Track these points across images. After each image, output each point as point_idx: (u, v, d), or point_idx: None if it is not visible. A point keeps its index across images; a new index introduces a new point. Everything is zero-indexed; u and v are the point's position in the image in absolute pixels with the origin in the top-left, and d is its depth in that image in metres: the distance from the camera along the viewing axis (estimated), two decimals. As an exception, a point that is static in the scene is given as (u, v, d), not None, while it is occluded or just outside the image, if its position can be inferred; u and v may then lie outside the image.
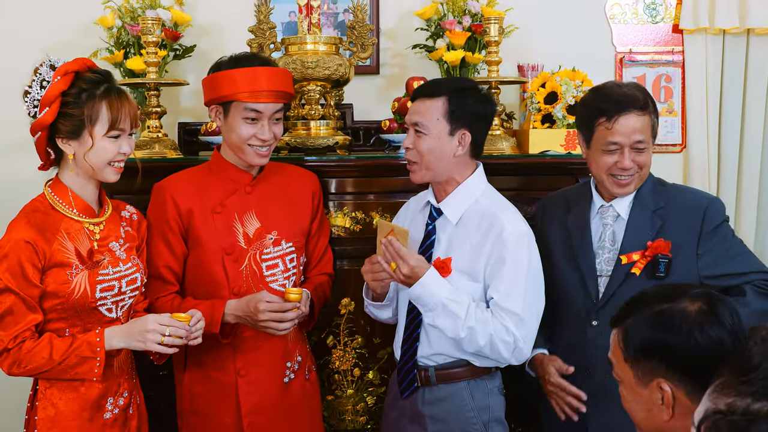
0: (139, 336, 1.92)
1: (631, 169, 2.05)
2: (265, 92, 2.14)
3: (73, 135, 1.95)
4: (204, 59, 3.18)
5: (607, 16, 3.32)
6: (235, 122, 2.17)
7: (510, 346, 1.99)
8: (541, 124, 2.77)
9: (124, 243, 2.07)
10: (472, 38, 2.98)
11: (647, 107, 2.04)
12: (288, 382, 2.26)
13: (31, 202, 2.01)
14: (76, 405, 1.96)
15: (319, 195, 2.39)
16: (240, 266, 2.20)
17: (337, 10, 3.21)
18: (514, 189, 2.30)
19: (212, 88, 2.19)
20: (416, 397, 2.12)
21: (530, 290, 2.02)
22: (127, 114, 1.97)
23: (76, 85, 1.95)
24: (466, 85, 2.14)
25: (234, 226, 2.21)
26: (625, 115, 2.01)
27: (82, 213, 2.00)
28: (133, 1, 3.00)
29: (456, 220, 2.09)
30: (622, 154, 2.03)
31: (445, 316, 2.00)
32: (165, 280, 2.21)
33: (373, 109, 3.17)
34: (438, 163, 2.07)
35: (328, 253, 2.42)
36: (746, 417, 0.99)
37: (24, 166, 3.15)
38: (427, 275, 2.00)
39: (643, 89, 2.10)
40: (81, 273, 1.94)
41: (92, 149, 1.94)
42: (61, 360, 1.89)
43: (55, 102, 1.93)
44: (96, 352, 1.91)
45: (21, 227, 1.92)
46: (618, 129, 2.02)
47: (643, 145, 2.03)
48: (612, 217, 2.13)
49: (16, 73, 3.15)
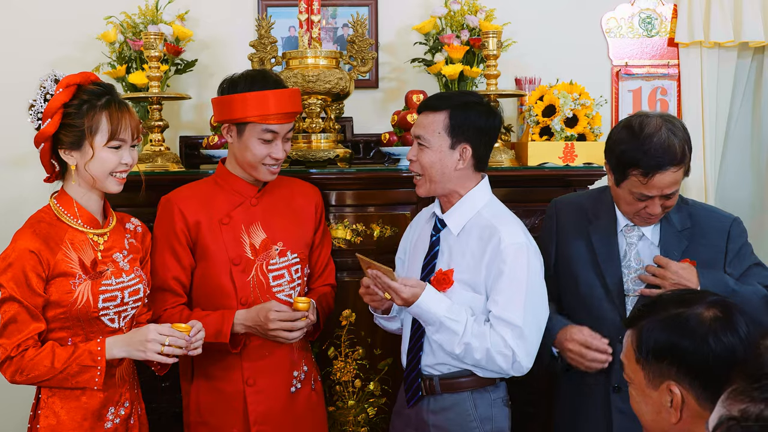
0: (139, 345, 1.94)
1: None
2: (278, 114, 2.17)
3: (75, 146, 1.97)
4: (205, 73, 3.21)
5: (604, 30, 3.36)
6: (250, 142, 2.19)
7: (509, 359, 2.00)
8: (539, 136, 2.79)
9: (128, 254, 2.08)
10: (471, 52, 3.02)
11: (684, 159, 1.97)
12: (295, 391, 2.28)
13: (36, 213, 2.03)
14: (77, 414, 1.97)
15: (321, 207, 2.42)
16: (247, 277, 2.22)
17: (337, 24, 3.25)
18: (512, 201, 2.32)
19: (225, 110, 2.21)
20: (421, 405, 2.13)
21: (530, 302, 2.02)
22: (128, 125, 2.00)
23: (77, 96, 1.98)
24: (470, 99, 2.15)
25: (241, 237, 2.23)
26: (662, 173, 1.94)
27: (86, 224, 2.02)
28: (135, 16, 3.03)
29: (457, 232, 2.11)
30: (652, 202, 2.00)
31: (443, 332, 2.02)
32: (173, 291, 2.22)
33: (373, 122, 3.19)
34: (440, 176, 2.09)
35: (331, 264, 2.44)
36: (759, 423, 1.00)
37: (23, 179, 3.19)
38: (423, 296, 2.01)
39: (682, 135, 1.98)
40: (84, 283, 1.96)
41: (93, 159, 1.96)
42: (62, 368, 1.90)
43: (57, 113, 1.96)
44: (97, 361, 1.92)
45: (26, 237, 1.94)
46: (653, 184, 1.96)
47: (673, 192, 2.00)
48: (636, 237, 2.12)
49: (19, 86, 3.15)
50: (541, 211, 2.65)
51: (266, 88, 2.18)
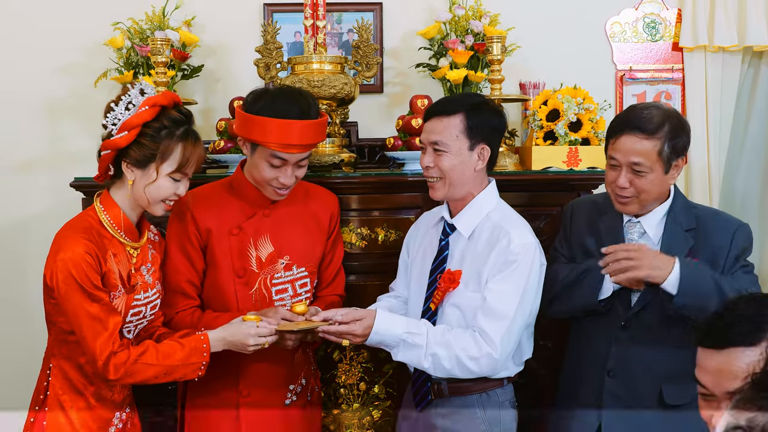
0: (241, 347, 2.03)
1: (627, 189, 2.08)
2: (296, 146, 2.12)
3: (140, 164, 1.97)
4: (211, 79, 3.24)
5: (608, 35, 3.37)
6: (259, 162, 2.15)
7: (481, 362, 2.00)
8: (543, 141, 2.80)
9: (151, 267, 2.10)
10: (475, 57, 3.03)
11: (657, 133, 2.03)
12: (290, 404, 2.28)
13: (83, 218, 2.00)
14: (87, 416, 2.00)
15: (337, 217, 2.39)
16: (250, 290, 2.22)
17: (342, 30, 3.27)
18: (516, 205, 2.32)
19: (244, 127, 2.15)
20: (429, 409, 2.14)
21: (524, 300, 2.04)
22: (195, 161, 2.00)
23: (159, 119, 1.96)
24: (480, 100, 2.17)
25: (248, 250, 2.22)
26: (628, 135, 2.04)
27: (127, 236, 2.02)
28: (143, 22, 3.06)
29: (468, 234, 2.12)
30: (620, 171, 2.07)
31: (407, 349, 2.02)
32: (186, 294, 2.22)
33: (377, 127, 3.21)
34: (460, 179, 2.09)
35: (341, 274, 2.43)
36: None
37: (28, 184, 3.21)
38: (377, 322, 2.02)
39: (666, 113, 2.06)
40: (121, 297, 1.98)
41: (153, 184, 1.97)
42: (173, 367, 1.97)
43: (136, 129, 1.95)
44: (203, 357, 2.00)
45: (80, 243, 1.91)
46: (618, 146, 2.07)
47: (640, 168, 2.04)
48: (638, 233, 2.15)
49: (28, 91, 3.20)
50: (545, 215, 2.67)
51: (288, 114, 2.10)
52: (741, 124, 3.44)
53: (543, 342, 2.31)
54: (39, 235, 3.19)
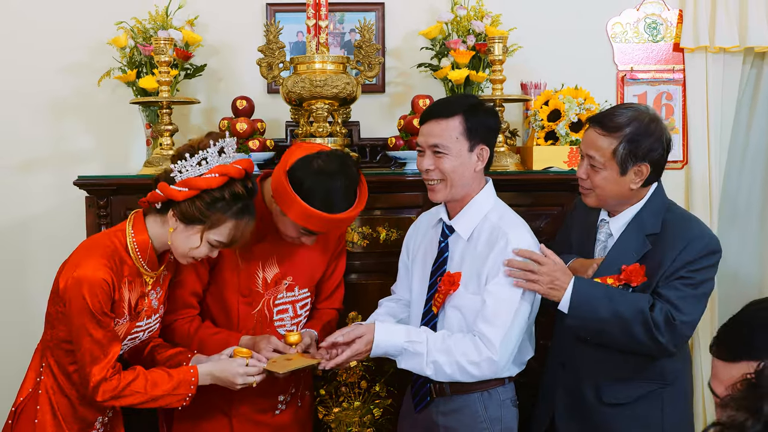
0: (228, 384, 2.04)
1: (585, 181, 2.11)
2: (323, 229, 2.11)
3: (186, 222, 1.95)
4: (214, 78, 3.25)
5: (609, 35, 3.38)
6: (286, 221, 2.10)
7: (482, 366, 2.01)
8: (545, 141, 2.81)
9: (160, 291, 2.10)
10: (477, 57, 3.04)
11: (615, 131, 2.03)
12: (279, 413, 2.30)
13: (111, 239, 1.99)
14: None
15: (344, 235, 2.42)
16: (253, 310, 2.23)
17: (344, 30, 3.28)
18: (517, 205, 2.34)
19: (279, 195, 2.07)
20: (431, 408, 2.15)
21: (523, 302, 2.04)
22: (240, 239, 1.99)
23: (222, 189, 1.93)
24: (476, 101, 2.18)
25: (256, 272, 2.22)
26: (590, 129, 2.10)
27: (148, 265, 2.02)
28: (146, 21, 3.07)
29: (467, 236, 2.13)
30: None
31: (409, 357, 2.04)
32: (188, 304, 2.23)
33: (379, 126, 3.22)
34: (461, 180, 2.10)
35: (341, 288, 2.44)
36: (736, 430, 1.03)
37: (29, 184, 3.23)
38: (377, 336, 2.04)
39: (639, 119, 2.04)
40: (125, 324, 2.00)
41: (190, 243, 1.96)
42: (159, 396, 1.98)
43: (194, 192, 1.92)
44: (190, 389, 2.01)
45: (101, 268, 1.91)
46: (583, 137, 2.15)
47: (595, 163, 2.07)
48: (605, 234, 2.18)
49: (31, 90, 3.22)
50: (546, 215, 2.68)
51: (325, 210, 2.03)
52: (742, 125, 3.45)
53: (543, 342, 2.32)
54: (42, 234, 3.22)
